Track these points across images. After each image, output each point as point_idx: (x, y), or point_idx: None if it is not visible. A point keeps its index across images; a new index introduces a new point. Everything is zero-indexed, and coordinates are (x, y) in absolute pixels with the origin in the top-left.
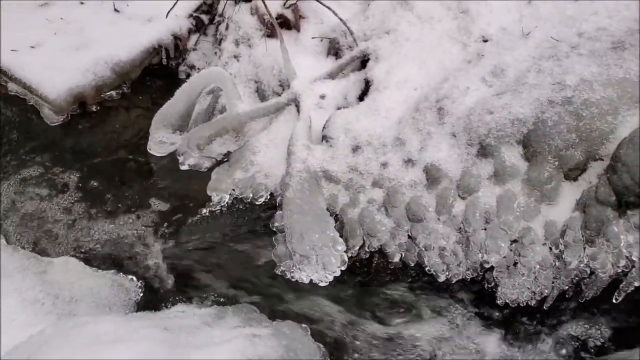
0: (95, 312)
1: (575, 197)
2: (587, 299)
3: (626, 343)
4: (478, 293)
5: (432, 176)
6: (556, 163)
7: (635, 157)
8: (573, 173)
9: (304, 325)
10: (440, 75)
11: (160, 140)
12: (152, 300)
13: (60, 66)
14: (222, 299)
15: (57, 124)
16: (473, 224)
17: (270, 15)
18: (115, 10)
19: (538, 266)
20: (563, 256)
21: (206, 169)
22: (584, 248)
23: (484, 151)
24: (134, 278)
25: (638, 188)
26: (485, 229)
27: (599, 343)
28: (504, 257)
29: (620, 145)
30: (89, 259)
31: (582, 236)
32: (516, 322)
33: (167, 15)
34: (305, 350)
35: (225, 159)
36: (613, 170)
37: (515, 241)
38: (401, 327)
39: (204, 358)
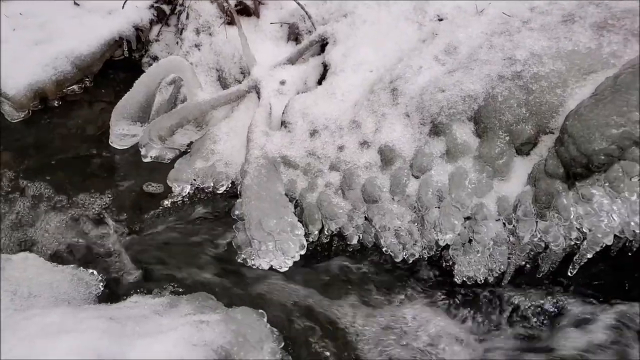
0: (53, 307)
1: (527, 171)
2: (544, 273)
3: (584, 316)
4: (436, 272)
5: (386, 157)
6: (507, 138)
7: (581, 128)
8: (525, 147)
9: (260, 310)
10: (396, 57)
11: (121, 133)
12: (113, 293)
13: (20, 62)
14: (181, 289)
15: (18, 120)
16: (426, 202)
17: (227, 2)
18: (75, 3)
19: (492, 242)
20: (516, 231)
21: (169, 161)
22: (536, 222)
23: (436, 129)
24: (94, 272)
25: (584, 159)
26: (438, 207)
27: (557, 317)
28: (458, 234)
29: (567, 117)
30: (50, 254)
31: (534, 210)
32: (474, 300)
33: (123, 6)
34: (257, 334)
35: (188, 150)
36: (560, 142)
37: (468, 218)
38: (362, 310)
39: (147, 346)
